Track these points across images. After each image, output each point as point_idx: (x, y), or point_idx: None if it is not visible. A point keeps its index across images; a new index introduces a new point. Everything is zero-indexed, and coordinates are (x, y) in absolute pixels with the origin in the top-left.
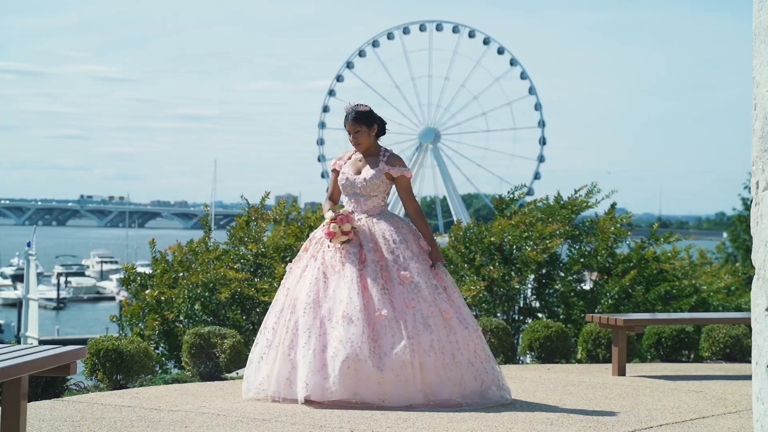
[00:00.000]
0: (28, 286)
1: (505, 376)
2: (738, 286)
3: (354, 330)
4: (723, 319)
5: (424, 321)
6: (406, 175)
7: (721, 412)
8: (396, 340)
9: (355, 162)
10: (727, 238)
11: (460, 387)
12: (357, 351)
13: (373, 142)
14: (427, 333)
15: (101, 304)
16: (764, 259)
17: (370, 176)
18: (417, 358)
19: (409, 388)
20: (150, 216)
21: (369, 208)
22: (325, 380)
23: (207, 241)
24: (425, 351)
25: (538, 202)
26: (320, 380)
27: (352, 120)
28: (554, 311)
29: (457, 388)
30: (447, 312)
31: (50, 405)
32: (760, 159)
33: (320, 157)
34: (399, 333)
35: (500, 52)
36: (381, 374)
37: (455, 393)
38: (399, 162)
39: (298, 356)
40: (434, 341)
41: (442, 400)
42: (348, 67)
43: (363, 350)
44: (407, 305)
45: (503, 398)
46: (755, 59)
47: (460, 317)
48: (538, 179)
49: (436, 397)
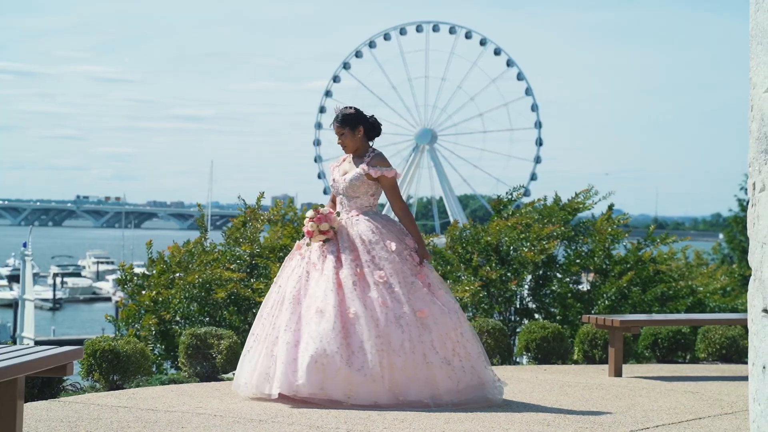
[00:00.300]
0: (24, 286)
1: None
2: (734, 287)
3: (325, 326)
4: (719, 320)
5: (396, 320)
6: (387, 174)
7: (717, 413)
8: (365, 338)
9: (346, 163)
10: (723, 239)
11: (432, 387)
12: (326, 346)
13: (361, 143)
14: (398, 332)
15: (97, 305)
16: (761, 260)
17: (350, 177)
18: (386, 358)
19: (377, 387)
20: (146, 216)
21: (355, 208)
22: (294, 374)
23: (203, 242)
24: (395, 350)
25: (536, 203)
26: (290, 374)
27: (336, 123)
28: (551, 312)
29: (428, 388)
30: (421, 311)
31: (47, 405)
32: (756, 160)
33: (317, 157)
34: (369, 332)
35: (497, 53)
36: (348, 371)
37: (425, 393)
38: (380, 162)
39: (279, 351)
40: (405, 341)
41: (411, 401)
42: (345, 67)
43: (332, 346)
44: (380, 305)
45: (487, 398)
46: (752, 61)
47: (442, 315)
48: (535, 180)
49: (405, 397)
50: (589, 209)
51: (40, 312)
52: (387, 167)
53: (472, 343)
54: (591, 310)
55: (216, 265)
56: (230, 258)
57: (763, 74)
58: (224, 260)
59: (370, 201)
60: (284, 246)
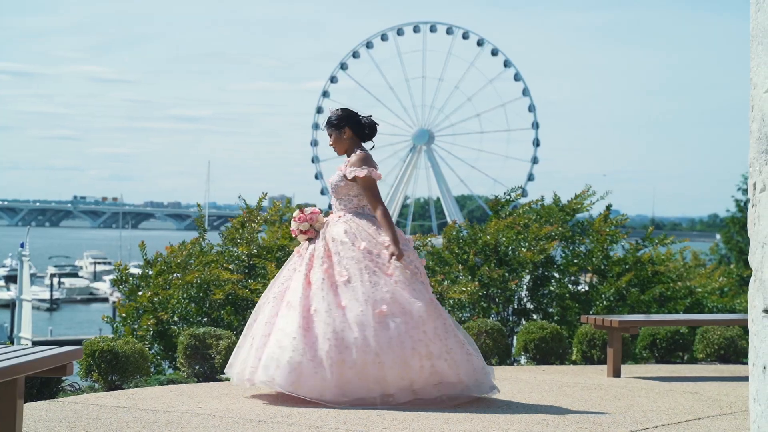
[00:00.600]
0: (22, 287)
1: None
2: (732, 287)
3: (288, 320)
4: (717, 320)
5: (355, 319)
6: (359, 175)
7: (716, 414)
8: (320, 334)
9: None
10: (720, 239)
11: (382, 386)
12: (283, 339)
13: (349, 145)
14: (352, 331)
15: (94, 305)
16: (761, 261)
17: (334, 179)
18: (337, 354)
19: (325, 382)
20: (143, 217)
21: (344, 209)
22: (256, 363)
23: (201, 243)
24: (347, 348)
25: (533, 203)
26: (254, 363)
27: (326, 126)
28: (548, 313)
29: (377, 386)
30: (380, 311)
31: (45, 406)
32: (757, 161)
33: (314, 158)
34: (325, 328)
35: (494, 53)
36: (299, 364)
37: (375, 391)
38: (355, 162)
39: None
40: (359, 340)
41: (358, 398)
42: (342, 68)
43: (287, 339)
44: (338, 304)
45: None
46: (752, 61)
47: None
48: (532, 181)
49: (352, 394)
50: (587, 210)
51: (38, 312)
52: (360, 167)
53: (440, 342)
54: (589, 310)
55: (214, 266)
56: (228, 258)
57: (763, 74)
58: (222, 261)
59: (355, 202)
60: (282, 246)
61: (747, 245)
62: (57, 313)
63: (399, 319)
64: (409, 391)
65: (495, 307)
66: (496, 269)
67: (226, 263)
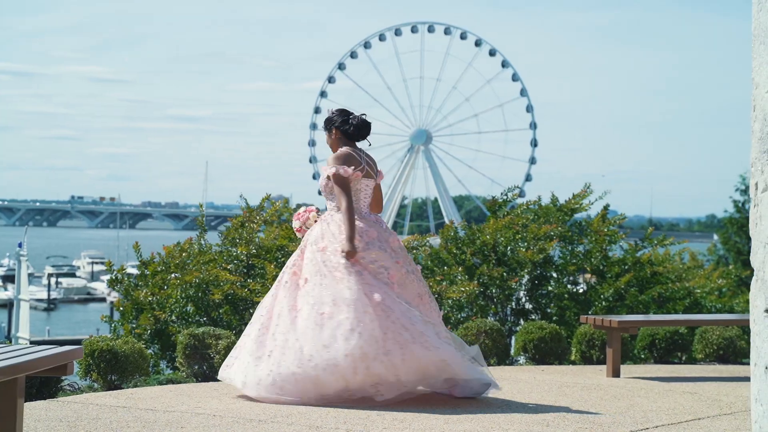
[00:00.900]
0: (19, 286)
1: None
2: (730, 288)
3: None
4: (716, 321)
5: (306, 320)
6: (329, 173)
7: (716, 414)
8: (271, 333)
9: None
10: (718, 240)
11: (318, 389)
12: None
13: (339, 145)
14: (295, 330)
15: (92, 305)
16: (763, 261)
17: (321, 180)
18: (278, 354)
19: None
20: (141, 217)
21: (333, 208)
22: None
23: (200, 242)
24: (290, 347)
25: (531, 204)
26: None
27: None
28: (547, 313)
29: (313, 389)
30: (323, 312)
31: (45, 405)
32: (759, 160)
33: (312, 158)
34: (276, 328)
35: (492, 53)
36: (248, 362)
37: (311, 391)
38: (329, 161)
39: None
40: (297, 344)
41: (294, 400)
42: (340, 68)
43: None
44: (290, 306)
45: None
46: (754, 60)
47: (355, 311)
48: (530, 181)
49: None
50: (586, 210)
51: (35, 312)
52: (331, 166)
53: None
54: (588, 311)
55: (213, 266)
56: (227, 258)
57: (766, 74)
58: (221, 261)
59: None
60: (281, 247)
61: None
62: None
63: (353, 318)
64: (360, 389)
65: (493, 307)
66: (495, 268)
67: (225, 263)
